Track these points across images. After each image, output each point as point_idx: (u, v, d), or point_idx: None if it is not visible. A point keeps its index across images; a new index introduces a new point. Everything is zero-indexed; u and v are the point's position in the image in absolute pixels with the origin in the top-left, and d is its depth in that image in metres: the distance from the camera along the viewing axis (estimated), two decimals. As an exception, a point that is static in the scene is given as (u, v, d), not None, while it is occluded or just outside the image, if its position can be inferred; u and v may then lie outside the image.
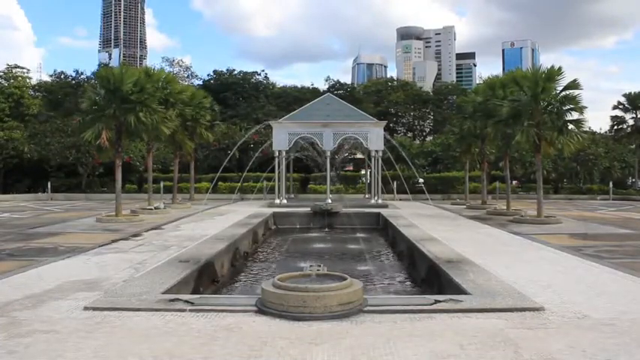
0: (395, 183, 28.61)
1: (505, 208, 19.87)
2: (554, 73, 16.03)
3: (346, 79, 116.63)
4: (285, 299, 5.39)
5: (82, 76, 47.84)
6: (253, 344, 4.57)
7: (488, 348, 4.46)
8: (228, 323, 5.20)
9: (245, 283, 9.84)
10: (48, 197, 30.92)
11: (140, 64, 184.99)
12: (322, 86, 56.81)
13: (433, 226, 14.83)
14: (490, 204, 22.97)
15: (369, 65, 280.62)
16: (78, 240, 11.80)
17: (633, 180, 40.38)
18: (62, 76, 49.19)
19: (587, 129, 21.58)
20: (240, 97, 51.36)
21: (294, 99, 49.02)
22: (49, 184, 32.12)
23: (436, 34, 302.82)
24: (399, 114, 55.16)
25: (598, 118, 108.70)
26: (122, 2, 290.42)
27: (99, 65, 63.06)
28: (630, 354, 4.37)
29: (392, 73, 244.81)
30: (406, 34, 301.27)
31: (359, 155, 34.30)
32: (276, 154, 23.05)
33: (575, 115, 16.36)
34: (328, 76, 77.95)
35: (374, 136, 22.67)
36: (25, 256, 9.71)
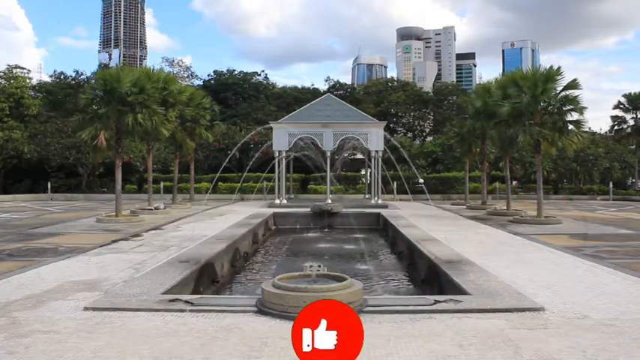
0: (395, 183, 28.61)
1: (505, 208, 19.86)
2: (553, 74, 16.03)
3: (346, 79, 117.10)
4: (285, 299, 5.39)
5: (82, 77, 47.85)
6: (253, 344, 4.56)
7: (488, 348, 4.46)
8: (228, 323, 5.20)
9: (245, 283, 9.84)
10: (48, 197, 30.92)
11: (140, 64, 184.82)
12: (322, 87, 56.92)
13: (433, 226, 14.82)
14: (490, 204, 22.95)
15: (369, 66, 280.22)
16: (78, 240, 11.79)
17: (633, 180, 40.39)
18: (62, 77, 49.17)
19: (588, 129, 21.60)
20: (240, 98, 51.37)
21: (294, 99, 49.08)
22: (49, 184, 32.14)
23: (436, 34, 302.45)
24: (399, 114, 55.10)
25: (599, 119, 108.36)
26: (122, 2, 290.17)
27: (99, 66, 63.14)
28: (630, 354, 4.37)
29: (392, 73, 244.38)
30: (406, 35, 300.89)
31: (359, 156, 34.30)
32: (276, 154, 23.06)
33: (575, 116, 16.36)
34: (328, 77, 78.27)
35: (374, 136, 22.68)
36: (25, 256, 9.72)
